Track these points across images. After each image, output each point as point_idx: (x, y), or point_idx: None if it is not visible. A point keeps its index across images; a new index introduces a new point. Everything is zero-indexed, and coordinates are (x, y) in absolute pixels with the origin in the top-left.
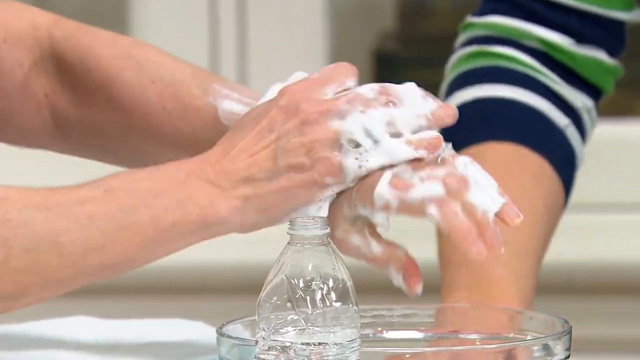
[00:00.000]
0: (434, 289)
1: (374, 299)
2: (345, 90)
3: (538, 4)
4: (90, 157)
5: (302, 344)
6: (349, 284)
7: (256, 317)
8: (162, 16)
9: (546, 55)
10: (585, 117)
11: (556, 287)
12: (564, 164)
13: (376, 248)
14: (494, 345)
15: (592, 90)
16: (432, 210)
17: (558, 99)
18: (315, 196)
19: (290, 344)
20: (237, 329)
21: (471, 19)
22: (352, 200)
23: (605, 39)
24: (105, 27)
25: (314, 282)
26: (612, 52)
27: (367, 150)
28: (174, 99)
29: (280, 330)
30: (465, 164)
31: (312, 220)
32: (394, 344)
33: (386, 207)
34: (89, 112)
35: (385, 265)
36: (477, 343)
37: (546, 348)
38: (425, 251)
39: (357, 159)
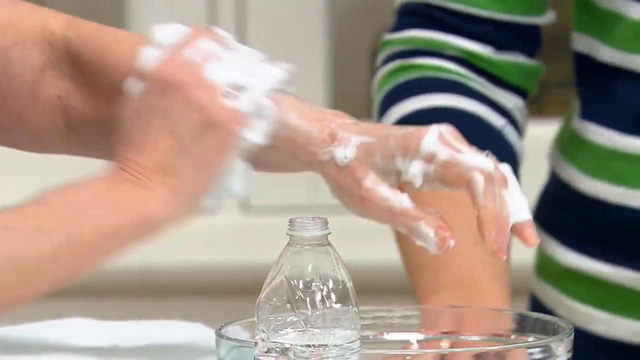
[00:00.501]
0: None
1: (375, 300)
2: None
3: (453, 17)
4: (104, 158)
5: (302, 345)
6: (349, 285)
7: (255, 318)
8: (160, 16)
9: (469, 63)
10: (518, 116)
11: None
12: (509, 163)
13: (406, 202)
14: (495, 347)
15: (518, 92)
16: (478, 177)
17: (490, 102)
18: (232, 152)
19: (290, 345)
20: (236, 331)
21: (388, 37)
22: (387, 149)
23: (522, 43)
24: None
25: (313, 284)
26: (530, 54)
27: (247, 87)
28: None
29: (280, 331)
30: (507, 170)
31: (311, 221)
32: (394, 345)
33: (430, 158)
34: (106, 109)
35: (413, 220)
36: (478, 345)
37: (548, 350)
38: None
39: (245, 97)
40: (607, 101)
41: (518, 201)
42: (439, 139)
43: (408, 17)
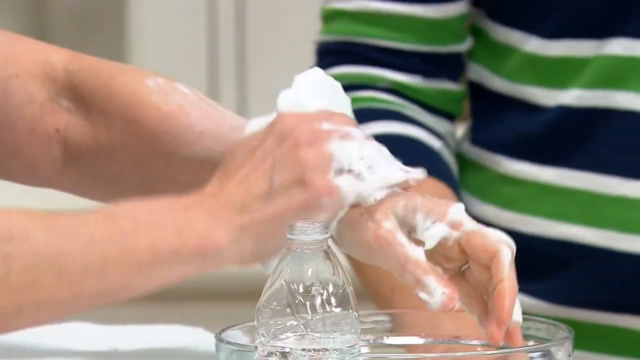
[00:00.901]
0: None
1: (374, 304)
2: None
3: (379, 53)
4: (97, 192)
5: (302, 349)
6: (349, 289)
7: (255, 322)
8: (159, 19)
9: (401, 93)
10: (451, 141)
11: None
12: (450, 182)
13: (420, 254)
14: (495, 352)
15: (448, 117)
16: (507, 250)
17: (425, 127)
18: (312, 219)
19: (289, 349)
20: (236, 335)
21: None
22: (412, 202)
23: (447, 71)
24: (103, 30)
25: (313, 288)
26: (455, 79)
27: (361, 174)
28: (204, 120)
29: (280, 336)
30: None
31: (311, 225)
32: (394, 350)
33: (456, 225)
34: (106, 138)
35: (424, 273)
36: (479, 349)
37: (548, 354)
38: None
39: (351, 179)
40: (497, 127)
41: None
42: (466, 213)
43: (331, 56)
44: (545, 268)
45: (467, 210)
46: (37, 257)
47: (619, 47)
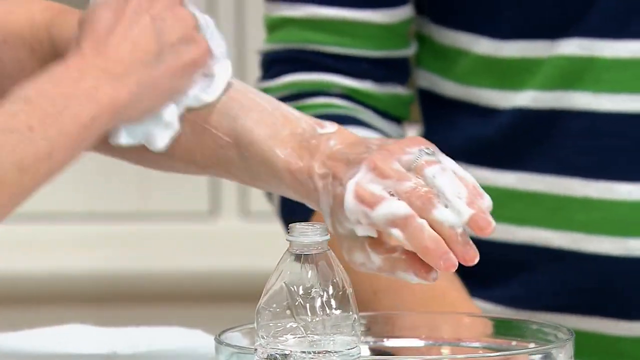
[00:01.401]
0: None
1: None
2: None
3: (330, 59)
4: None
5: (302, 351)
6: (349, 291)
7: (255, 324)
8: None
9: (354, 99)
10: None
11: None
12: None
13: (377, 260)
14: (496, 354)
15: (397, 122)
16: (395, 232)
17: (379, 131)
18: (194, 79)
19: (289, 351)
20: (236, 337)
21: (266, 84)
22: (337, 219)
23: (397, 75)
24: None
25: (313, 290)
26: (404, 83)
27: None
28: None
29: (280, 337)
30: (434, 174)
31: (311, 227)
32: (394, 352)
33: (358, 222)
34: None
35: (393, 272)
36: (480, 352)
37: (549, 356)
38: None
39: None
40: (451, 134)
41: (455, 204)
42: (356, 198)
43: (281, 64)
44: (508, 273)
45: None
46: None
47: (574, 47)
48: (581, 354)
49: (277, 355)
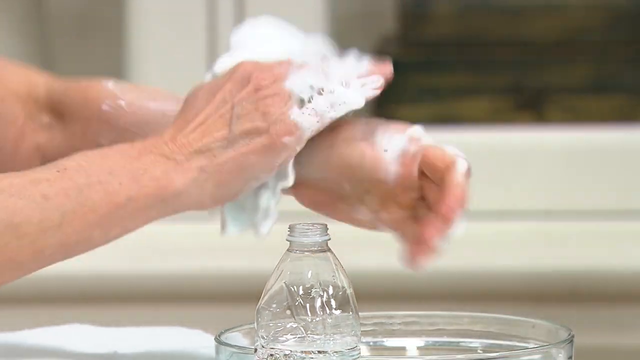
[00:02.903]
0: (434, 297)
1: (374, 306)
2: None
3: None
4: None
5: (302, 352)
6: (349, 291)
7: (255, 324)
8: (159, 20)
9: None
10: None
11: (559, 295)
12: None
13: (386, 216)
14: (496, 354)
15: None
16: (462, 162)
17: None
18: (274, 161)
19: (289, 352)
20: (236, 337)
21: None
22: (374, 124)
23: None
24: (103, 32)
25: (313, 290)
26: None
27: (319, 103)
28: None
29: (280, 338)
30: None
31: (311, 227)
32: (394, 352)
33: (415, 140)
34: (81, 143)
35: (397, 230)
36: (479, 351)
37: (548, 356)
38: None
39: (310, 113)
40: None
41: None
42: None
43: None
44: None
45: None
46: None
47: None
48: None
49: (277, 355)
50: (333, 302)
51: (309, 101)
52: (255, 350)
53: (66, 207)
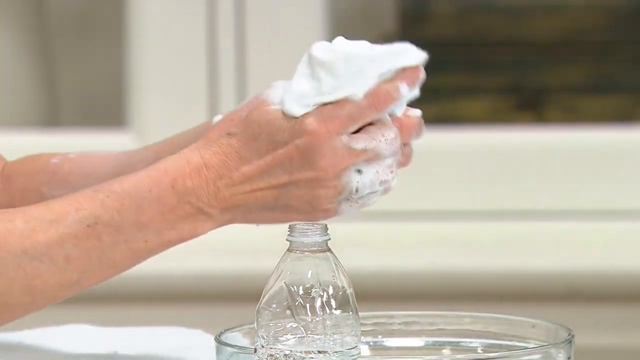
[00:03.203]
0: (434, 297)
1: (374, 306)
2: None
3: None
4: None
5: (302, 351)
6: (349, 291)
7: (255, 324)
8: (159, 20)
9: None
10: None
11: (559, 295)
12: None
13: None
14: (496, 354)
15: None
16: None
17: None
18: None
19: (289, 351)
20: (236, 337)
21: None
22: None
23: None
24: (103, 32)
25: (313, 290)
26: None
27: (365, 191)
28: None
29: (280, 338)
30: None
31: (311, 227)
32: (394, 351)
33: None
34: (21, 199)
35: None
36: (479, 351)
37: (548, 356)
38: (425, 257)
39: (353, 205)
40: None
41: None
42: None
43: None
44: None
45: None
46: (8, 283)
47: None
48: None
49: (277, 355)
50: (333, 302)
51: (357, 190)
52: (255, 350)
53: (86, 267)
